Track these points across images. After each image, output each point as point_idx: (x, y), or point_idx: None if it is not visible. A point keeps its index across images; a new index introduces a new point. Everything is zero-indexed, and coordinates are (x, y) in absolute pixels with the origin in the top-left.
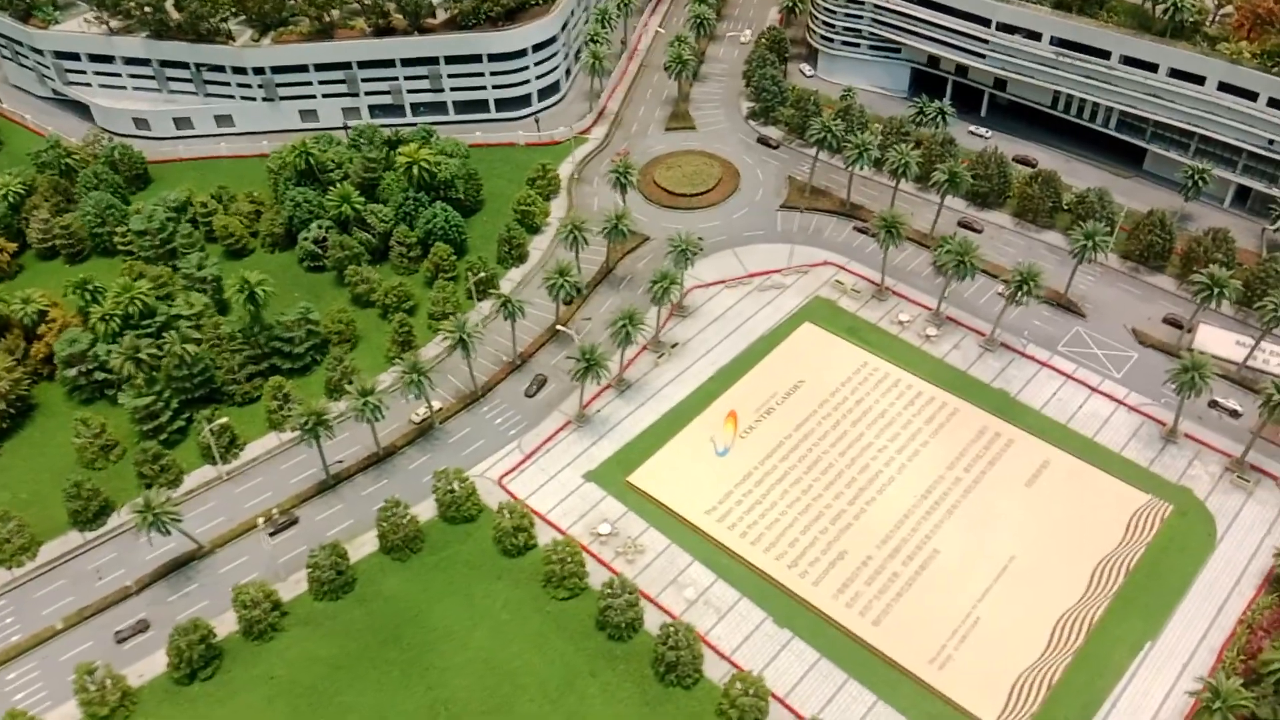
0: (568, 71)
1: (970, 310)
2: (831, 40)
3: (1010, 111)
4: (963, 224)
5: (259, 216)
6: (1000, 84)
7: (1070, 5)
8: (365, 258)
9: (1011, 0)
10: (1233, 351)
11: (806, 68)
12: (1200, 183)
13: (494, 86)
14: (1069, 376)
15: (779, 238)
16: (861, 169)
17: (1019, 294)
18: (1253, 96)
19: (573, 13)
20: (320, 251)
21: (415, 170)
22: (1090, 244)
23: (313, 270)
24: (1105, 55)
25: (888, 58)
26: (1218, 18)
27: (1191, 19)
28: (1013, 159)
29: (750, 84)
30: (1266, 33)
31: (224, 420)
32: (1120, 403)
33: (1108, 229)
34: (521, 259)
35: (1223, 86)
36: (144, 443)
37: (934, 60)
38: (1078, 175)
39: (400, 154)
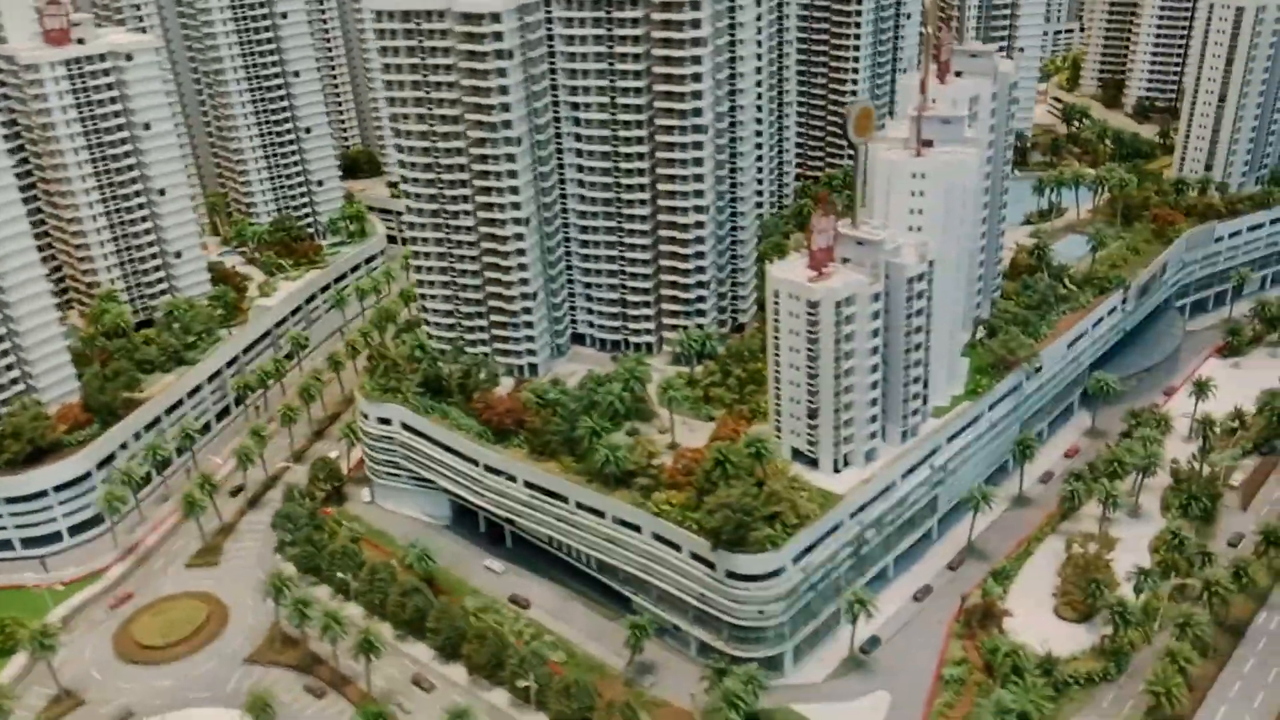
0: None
1: None
2: (377, 471)
3: (532, 547)
4: (415, 682)
5: None
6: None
7: (545, 451)
8: None
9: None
10: None
11: (367, 493)
12: (639, 635)
13: (16, 526)
14: None
15: (228, 698)
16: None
17: None
18: (677, 548)
19: (124, 445)
20: None
21: None
22: None
23: None
24: (565, 500)
25: (427, 487)
26: (651, 466)
27: (630, 469)
28: (509, 598)
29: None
30: (688, 484)
31: None
32: None
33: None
34: None
35: (655, 536)
36: None
37: None
38: (567, 616)
39: None
